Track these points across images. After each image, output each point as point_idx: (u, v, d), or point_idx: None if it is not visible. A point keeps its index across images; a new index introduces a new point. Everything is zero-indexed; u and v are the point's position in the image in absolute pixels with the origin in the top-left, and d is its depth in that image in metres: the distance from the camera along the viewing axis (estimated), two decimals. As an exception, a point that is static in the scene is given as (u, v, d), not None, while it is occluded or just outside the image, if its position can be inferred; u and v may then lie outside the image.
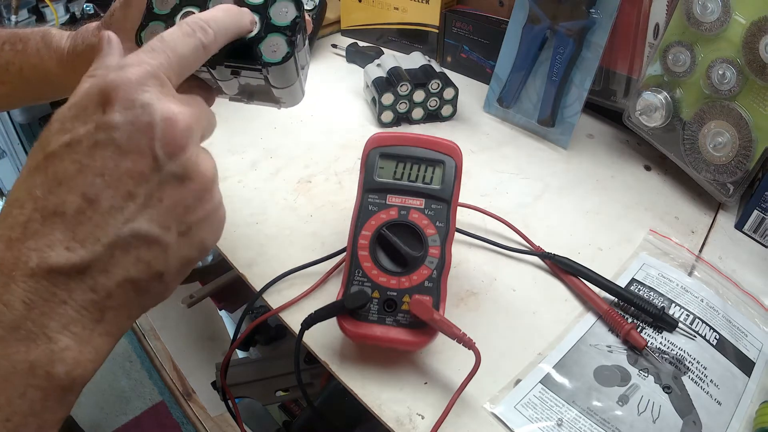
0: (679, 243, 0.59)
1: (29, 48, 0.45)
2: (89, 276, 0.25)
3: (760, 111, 0.56)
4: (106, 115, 0.25)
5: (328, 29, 0.98)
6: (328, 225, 0.59)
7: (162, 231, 0.26)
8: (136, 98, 0.26)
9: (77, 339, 0.24)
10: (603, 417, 0.43)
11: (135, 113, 0.26)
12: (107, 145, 0.25)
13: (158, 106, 0.26)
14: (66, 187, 0.25)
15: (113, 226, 0.25)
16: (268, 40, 0.36)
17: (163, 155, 0.26)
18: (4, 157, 1.51)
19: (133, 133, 0.25)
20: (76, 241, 0.24)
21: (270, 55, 0.35)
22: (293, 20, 0.36)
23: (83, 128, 0.25)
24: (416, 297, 0.43)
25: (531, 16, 0.71)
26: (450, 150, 0.47)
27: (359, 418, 0.74)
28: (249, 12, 0.36)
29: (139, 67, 0.27)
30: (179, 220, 0.27)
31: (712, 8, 0.58)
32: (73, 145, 0.25)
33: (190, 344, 1.49)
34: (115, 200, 0.25)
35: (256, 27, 0.36)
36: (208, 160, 0.29)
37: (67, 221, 0.24)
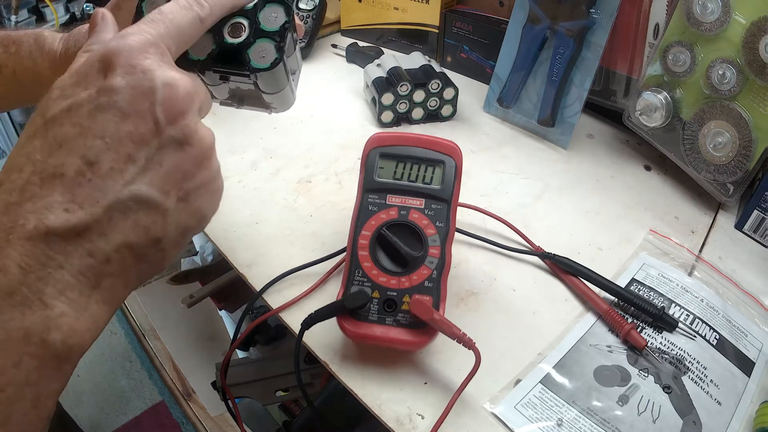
0: (679, 243, 0.59)
1: (22, 50, 0.45)
2: (87, 239, 0.24)
3: (760, 111, 0.56)
4: (108, 79, 0.26)
5: (328, 29, 0.98)
6: (328, 225, 0.59)
7: (161, 195, 0.26)
8: (138, 63, 0.26)
9: (73, 305, 0.24)
10: (603, 417, 0.43)
11: (136, 78, 0.26)
12: (108, 108, 0.25)
13: (159, 71, 0.26)
14: (66, 149, 0.25)
15: (113, 188, 0.25)
16: (256, 46, 0.35)
17: (164, 119, 0.26)
18: (4, 157, 1.51)
19: (134, 96, 0.26)
20: (75, 203, 0.24)
21: (258, 61, 0.35)
22: (282, 25, 0.36)
23: (85, 93, 0.26)
24: (416, 297, 0.43)
25: (531, 16, 0.71)
26: (450, 150, 0.47)
27: (359, 418, 0.74)
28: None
29: (139, 36, 0.27)
30: (178, 186, 0.27)
31: (712, 8, 0.58)
32: (74, 108, 0.25)
33: (190, 344, 1.49)
34: (115, 162, 0.25)
35: (244, 33, 0.36)
36: (206, 129, 0.29)
37: (67, 183, 0.24)
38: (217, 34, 0.36)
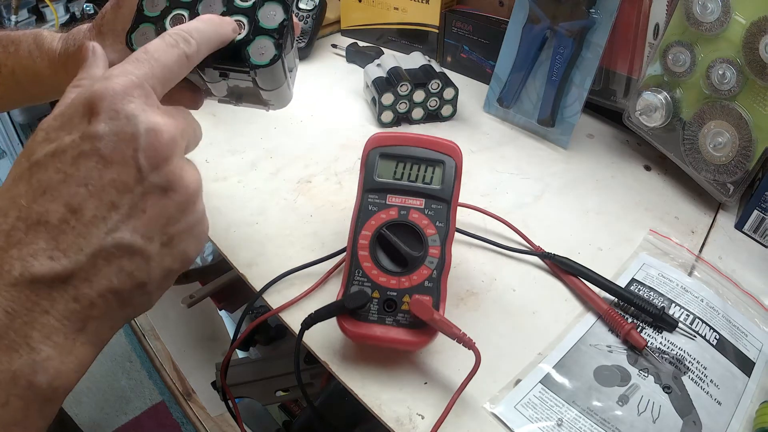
0: (679, 243, 0.59)
1: (21, 50, 0.45)
2: (72, 285, 0.25)
3: (760, 111, 0.56)
4: (91, 125, 0.26)
5: (328, 29, 0.98)
6: (328, 225, 0.59)
7: (144, 242, 0.27)
8: (121, 108, 0.26)
9: (59, 349, 0.24)
10: (603, 417, 0.43)
11: (119, 124, 0.26)
12: (91, 155, 0.25)
13: (143, 117, 0.26)
14: (50, 196, 0.25)
15: (96, 236, 0.25)
16: (256, 43, 0.36)
17: (147, 166, 0.26)
18: (4, 157, 1.51)
19: (117, 143, 0.26)
20: (59, 250, 0.24)
21: (258, 58, 0.36)
22: (281, 23, 0.36)
23: (68, 138, 0.26)
24: (416, 297, 0.43)
25: (531, 16, 0.71)
26: (450, 150, 0.47)
27: (359, 418, 0.74)
28: (231, 21, 0.36)
29: (124, 78, 0.27)
30: (162, 231, 0.27)
31: (712, 8, 0.58)
32: (58, 154, 0.25)
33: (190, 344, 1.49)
34: (98, 210, 0.25)
35: (244, 30, 0.36)
36: (192, 172, 0.29)
37: (51, 230, 0.24)
38: None
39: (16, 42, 0.45)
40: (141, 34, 0.37)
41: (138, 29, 0.37)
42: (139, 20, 0.37)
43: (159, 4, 0.37)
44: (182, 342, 1.50)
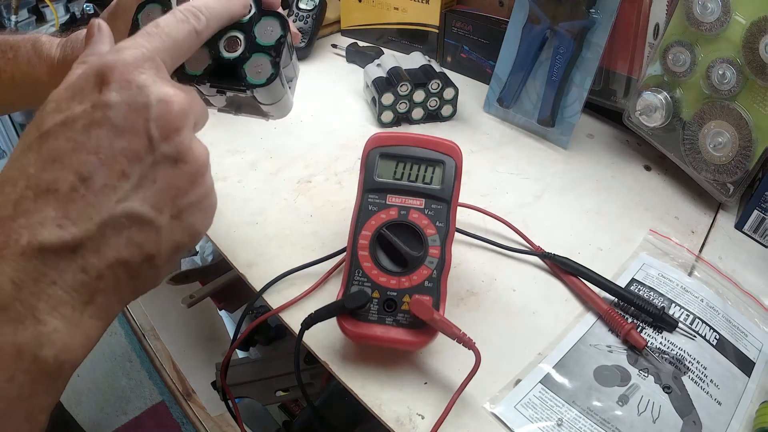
0: (679, 243, 0.59)
1: (20, 56, 0.45)
2: (80, 255, 0.24)
3: (760, 111, 0.56)
4: (103, 94, 0.25)
5: (328, 29, 0.98)
6: (328, 225, 0.59)
7: (154, 212, 0.26)
8: (133, 79, 0.26)
9: (66, 321, 0.24)
10: (603, 417, 0.43)
11: (131, 93, 0.26)
12: (103, 124, 0.25)
13: (154, 87, 0.26)
14: (60, 164, 0.24)
15: (106, 205, 0.25)
16: (252, 61, 0.35)
17: (158, 136, 0.26)
18: (4, 157, 1.51)
19: (129, 112, 0.25)
20: (68, 218, 0.24)
21: (255, 77, 0.35)
22: (278, 39, 0.36)
23: (79, 107, 0.25)
24: (416, 297, 0.43)
25: (531, 16, 0.71)
26: (450, 150, 0.47)
27: (359, 418, 0.74)
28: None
29: (135, 50, 0.27)
30: (172, 203, 0.27)
31: (712, 8, 0.58)
32: (69, 123, 0.25)
33: (190, 344, 1.49)
34: (108, 179, 0.25)
35: (240, 47, 0.35)
36: (201, 146, 0.29)
37: (60, 199, 0.24)
38: (213, 49, 0.35)
39: (14, 47, 0.45)
40: (147, 14, 0.36)
41: (144, 9, 0.36)
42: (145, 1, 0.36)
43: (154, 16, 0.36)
44: (182, 342, 1.50)
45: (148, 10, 0.36)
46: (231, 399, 0.58)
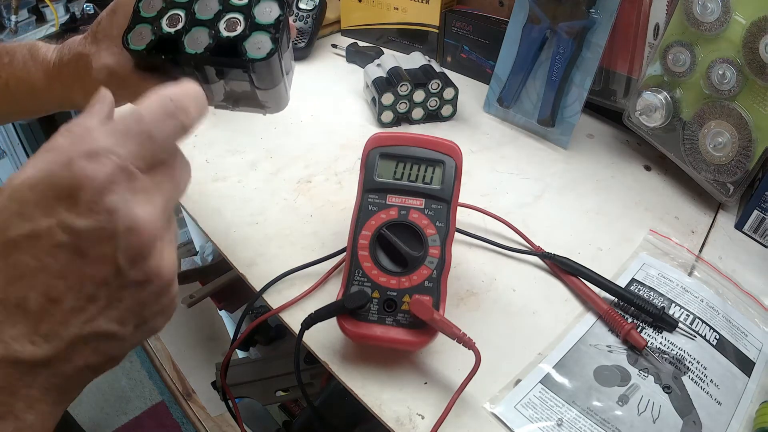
0: (679, 243, 0.59)
1: (16, 61, 0.45)
2: (52, 366, 0.26)
3: (760, 111, 0.56)
4: (70, 215, 0.25)
5: (328, 29, 0.98)
6: (328, 225, 0.59)
7: (120, 327, 0.27)
8: (101, 201, 0.25)
9: (40, 415, 0.26)
10: (603, 417, 0.43)
11: (99, 219, 0.25)
12: (69, 249, 0.25)
13: (123, 212, 0.25)
14: (27, 283, 0.25)
15: (75, 325, 0.26)
16: (252, 38, 0.36)
17: (126, 264, 0.26)
18: (4, 157, 1.51)
19: (95, 241, 0.25)
20: (40, 335, 0.25)
21: (255, 52, 0.36)
22: (277, 18, 0.37)
23: (45, 222, 0.25)
24: (416, 297, 0.43)
25: (531, 16, 0.71)
26: (450, 150, 0.47)
27: (359, 418, 0.74)
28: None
29: (108, 162, 0.25)
30: (137, 317, 0.28)
31: (712, 8, 0.58)
32: (34, 239, 0.25)
33: (190, 344, 1.49)
34: (77, 302, 0.26)
35: (240, 27, 0.36)
36: (169, 259, 0.28)
37: (30, 317, 0.25)
38: (213, 29, 0.36)
39: (10, 53, 0.45)
40: (137, 34, 0.37)
41: (134, 30, 0.37)
42: (135, 21, 0.37)
43: (155, 5, 0.37)
44: (182, 342, 1.51)
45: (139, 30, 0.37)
46: (231, 399, 0.58)
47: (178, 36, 0.37)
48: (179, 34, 0.37)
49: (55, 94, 0.44)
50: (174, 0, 0.38)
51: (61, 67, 0.44)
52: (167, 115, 0.28)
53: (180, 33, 0.37)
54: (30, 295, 0.25)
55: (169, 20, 0.37)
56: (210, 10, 0.37)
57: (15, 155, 1.50)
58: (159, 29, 0.37)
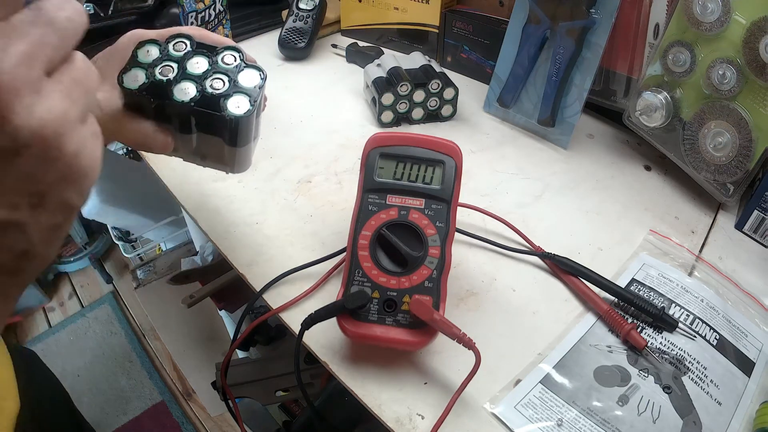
0: (679, 243, 0.59)
1: None
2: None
3: (760, 111, 0.56)
4: None
5: (328, 29, 0.98)
6: (328, 225, 0.59)
7: (8, 212, 0.23)
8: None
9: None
10: (603, 417, 0.43)
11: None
12: None
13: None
14: None
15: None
16: (233, 98, 0.41)
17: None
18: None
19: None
20: None
21: (234, 110, 0.41)
22: (257, 86, 0.42)
23: None
24: (416, 297, 0.43)
25: (531, 16, 0.71)
26: (450, 150, 0.47)
27: (359, 418, 0.74)
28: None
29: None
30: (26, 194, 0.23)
31: (712, 8, 0.58)
32: None
33: (190, 344, 1.49)
34: None
35: (226, 86, 0.41)
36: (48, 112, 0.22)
37: None
38: (200, 84, 0.41)
39: None
40: (132, 75, 0.41)
41: (130, 71, 0.41)
42: (132, 64, 0.41)
43: (152, 55, 0.42)
44: (182, 342, 1.51)
45: (134, 72, 0.41)
46: (231, 399, 0.58)
47: (168, 84, 0.41)
48: (170, 82, 0.41)
49: None
50: (169, 54, 0.42)
51: None
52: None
53: (170, 82, 0.41)
54: None
55: (162, 70, 0.41)
56: (199, 68, 0.42)
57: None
58: (152, 75, 0.41)
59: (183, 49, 0.42)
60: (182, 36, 0.43)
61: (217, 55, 0.43)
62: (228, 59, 0.43)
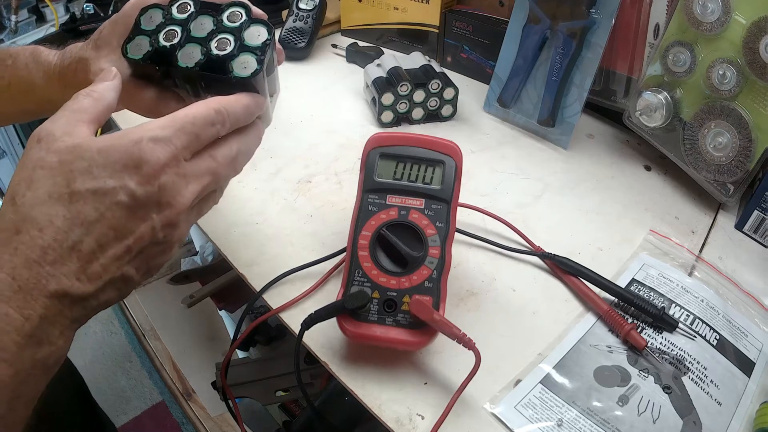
0: (679, 243, 0.59)
1: (19, 62, 0.47)
2: (86, 301, 0.31)
3: (760, 111, 0.56)
4: (132, 181, 0.31)
5: (328, 29, 0.98)
6: (328, 225, 0.59)
7: (136, 274, 0.34)
8: (157, 177, 0.32)
9: (66, 341, 0.32)
10: (603, 417, 0.43)
11: (152, 190, 0.32)
12: (124, 207, 0.31)
13: (170, 189, 0.33)
14: (85, 229, 0.31)
15: (112, 270, 0.32)
16: (240, 58, 0.39)
17: (160, 228, 0.33)
18: (4, 157, 1.51)
19: (145, 205, 0.32)
20: (85, 275, 0.31)
21: (240, 71, 0.39)
22: (264, 42, 0.40)
23: (111, 182, 0.31)
24: (416, 297, 0.43)
25: (531, 16, 0.71)
26: (450, 150, 0.47)
27: (359, 418, 0.74)
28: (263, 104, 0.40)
29: (167, 147, 0.33)
30: (148, 266, 0.35)
31: (713, 8, 0.58)
32: (99, 195, 0.31)
33: (190, 344, 1.49)
34: (117, 251, 0.32)
35: (229, 47, 0.40)
36: (185, 231, 0.36)
37: (82, 258, 0.31)
38: (205, 46, 0.39)
39: (14, 55, 0.47)
40: (136, 44, 0.40)
41: (134, 40, 0.40)
42: (135, 32, 0.40)
43: (155, 20, 0.41)
44: (182, 342, 1.50)
45: (138, 41, 0.40)
46: (231, 399, 0.58)
47: (172, 50, 0.40)
48: (174, 48, 0.40)
49: (54, 94, 0.46)
50: (172, 17, 0.41)
51: (62, 68, 0.46)
52: (209, 124, 0.35)
53: (174, 47, 0.40)
54: (86, 239, 0.31)
55: (166, 35, 0.40)
56: (204, 30, 0.40)
57: (15, 155, 1.50)
58: (156, 42, 0.40)
59: (187, 11, 0.41)
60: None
61: (222, 14, 0.41)
62: (233, 17, 0.41)
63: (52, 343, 0.30)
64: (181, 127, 0.34)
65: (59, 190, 0.30)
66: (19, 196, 0.31)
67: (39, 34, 1.18)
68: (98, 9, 1.02)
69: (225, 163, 0.37)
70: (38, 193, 0.30)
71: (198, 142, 0.35)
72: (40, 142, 0.32)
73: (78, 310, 0.31)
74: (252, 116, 0.39)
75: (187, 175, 0.34)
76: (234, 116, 0.37)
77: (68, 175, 0.31)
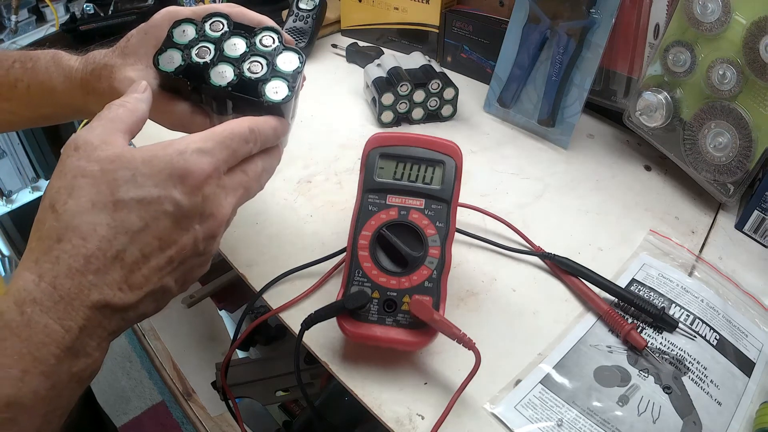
0: (680, 243, 0.59)
1: (39, 66, 0.46)
2: (126, 312, 0.31)
3: (761, 111, 0.56)
4: (176, 191, 0.32)
5: (328, 29, 0.98)
6: (328, 225, 0.59)
7: (175, 285, 0.34)
8: (201, 188, 0.33)
9: (102, 352, 0.31)
10: (603, 417, 0.43)
11: (197, 201, 0.32)
12: (169, 217, 0.31)
13: (213, 200, 0.34)
14: (129, 238, 0.30)
15: (153, 281, 0.32)
16: (271, 83, 0.40)
17: (202, 239, 0.34)
18: (4, 157, 1.51)
19: (190, 216, 0.32)
20: (127, 284, 0.30)
21: (272, 95, 0.40)
22: (295, 69, 0.41)
23: (156, 192, 0.31)
24: (416, 297, 0.43)
25: (531, 16, 0.71)
26: (450, 150, 0.47)
27: (359, 418, 0.74)
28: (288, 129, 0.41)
29: (211, 159, 0.33)
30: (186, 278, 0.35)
31: (713, 8, 0.58)
32: (144, 204, 0.31)
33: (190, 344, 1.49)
34: (160, 261, 0.32)
35: (262, 70, 0.40)
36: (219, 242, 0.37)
37: (125, 267, 0.30)
38: (237, 67, 0.40)
39: (34, 59, 0.47)
40: (167, 57, 0.40)
41: (166, 52, 0.40)
42: (168, 45, 0.41)
43: (188, 35, 0.41)
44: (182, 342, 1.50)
45: (170, 53, 0.40)
46: (231, 399, 0.58)
47: (205, 67, 0.40)
48: (206, 65, 0.40)
49: (75, 100, 0.46)
50: (205, 34, 0.41)
51: (84, 74, 0.45)
52: (245, 141, 0.36)
53: (207, 65, 0.40)
54: (129, 249, 0.30)
55: (199, 51, 0.40)
56: (236, 50, 0.41)
57: (15, 155, 1.50)
58: (189, 57, 0.40)
59: (220, 29, 0.41)
60: (219, 15, 0.42)
61: (255, 37, 0.41)
62: (266, 41, 0.41)
63: (89, 355, 0.30)
64: (221, 141, 0.35)
65: (103, 199, 0.30)
66: (59, 204, 0.30)
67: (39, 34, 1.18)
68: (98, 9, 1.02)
69: (254, 179, 0.38)
70: (81, 201, 0.30)
71: (234, 157, 0.36)
72: (77, 150, 0.31)
73: (116, 321, 0.31)
74: (278, 138, 0.40)
75: (227, 188, 0.35)
76: (264, 137, 0.38)
77: (112, 184, 0.30)
